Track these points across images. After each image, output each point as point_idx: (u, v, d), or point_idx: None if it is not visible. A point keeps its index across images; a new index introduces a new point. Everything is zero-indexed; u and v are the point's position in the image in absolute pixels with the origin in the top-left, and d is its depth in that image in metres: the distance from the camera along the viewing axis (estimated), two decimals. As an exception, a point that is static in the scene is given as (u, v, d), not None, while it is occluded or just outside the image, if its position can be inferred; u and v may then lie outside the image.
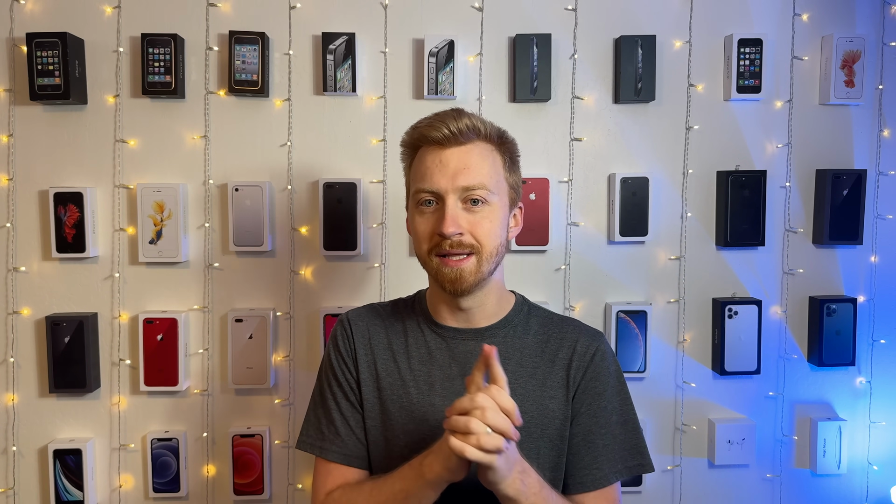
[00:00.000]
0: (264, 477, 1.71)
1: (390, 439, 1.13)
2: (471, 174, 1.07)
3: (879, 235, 1.80)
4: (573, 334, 1.17)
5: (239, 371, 1.70)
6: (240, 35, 1.65)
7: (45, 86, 1.61)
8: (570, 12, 1.73)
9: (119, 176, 1.70)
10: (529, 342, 1.17)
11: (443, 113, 1.11)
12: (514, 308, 1.19)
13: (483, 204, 1.08)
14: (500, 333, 1.16)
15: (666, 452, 1.79)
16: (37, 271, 1.70)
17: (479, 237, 1.08)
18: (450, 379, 1.13)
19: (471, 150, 1.09)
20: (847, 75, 1.74)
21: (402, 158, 1.20)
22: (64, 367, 1.66)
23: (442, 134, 1.08)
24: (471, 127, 1.09)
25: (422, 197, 1.10)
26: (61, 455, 1.67)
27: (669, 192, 1.76)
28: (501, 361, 1.13)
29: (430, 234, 1.09)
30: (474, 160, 1.09)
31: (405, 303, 1.25)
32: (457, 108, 1.12)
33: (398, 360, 1.16)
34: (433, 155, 1.09)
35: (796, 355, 1.80)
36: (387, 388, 1.15)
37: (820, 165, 1.78)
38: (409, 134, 1.15)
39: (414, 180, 1.13)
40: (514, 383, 1.12)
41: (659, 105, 1.75)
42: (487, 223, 1.08)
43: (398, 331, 1.20)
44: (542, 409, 1.12)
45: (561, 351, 1.16)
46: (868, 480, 1.82)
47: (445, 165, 1.08)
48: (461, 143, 1.09)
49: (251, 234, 1.69)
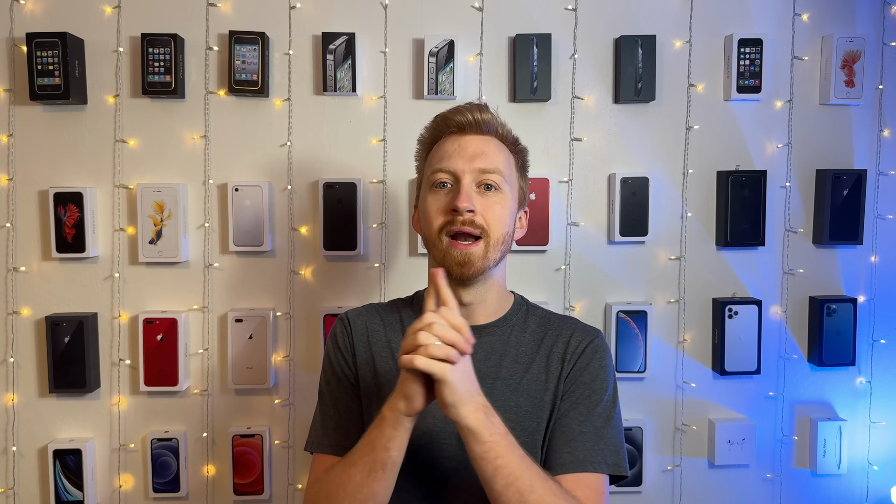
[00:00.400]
0: (264, 477, 1.71)
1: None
2: (488, 159, 1.11)
3: (879, 235, 1.80)
4: (569, 330, 1.18)
5: (239, 371, 1.70)
6: (240, 35, 1.65)
7: (45, 86, 1.61)
8: (571, 12, 1.73)
9: (119, 176, 1.70)
10: (526, 339, 1.17)
11: (467, 104, 1.18)
12: (512, 307, 1.20)
13: (496, 191, 1.12)
14: (497, 331, 1.17)
15: (666, 452, 1.79)
16: (37, 271, 1.70)
17: (490, 221, 1.10)
18: None
19: (489, 141, 1.14)
20: (847, 75, 1.74)
21: (418, 157, 1.22)
22: (64, 367, 1.65)
23: (465, 119, 1.13)
24: (491, 122, 1.15)
25: (437, 178, 1.12)
26: (61, 455, 1.67)
27: (669, 192, 1.76)
28: (497, 359, 1.14)
29: (444, 210, 1.10)
30: (492, 149, 1.14)
31: (404, 302, 1.26)
32: (479, 103, 1.17)
33: (396, 357, 1.16)
34: (452, 140, 1.14)
35: (796, 355, 1.80)
36: (385, 384, 1.15)
37: (820, 165, 1.78)
38: (428, 128, 1.20)
39: (430, 165, 1.15)
40: (510, 379, 1.13)
41: (659, 105, 1.75)
42: (499, 208, 1.11)
43: (396, 329, 1.20)
44: (539, 402, 1.12)
45: (556, 346, 1.16)
46: (868, 480, 1.82)
47: (464, 149, 1.12)
48: (481, 133, 1.14)
49: (251, 234, 1.69)
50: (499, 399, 1.11)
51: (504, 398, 1.12)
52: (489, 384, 1.12)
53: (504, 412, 1.09)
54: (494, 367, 1.14)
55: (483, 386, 1.10)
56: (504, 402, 1.11)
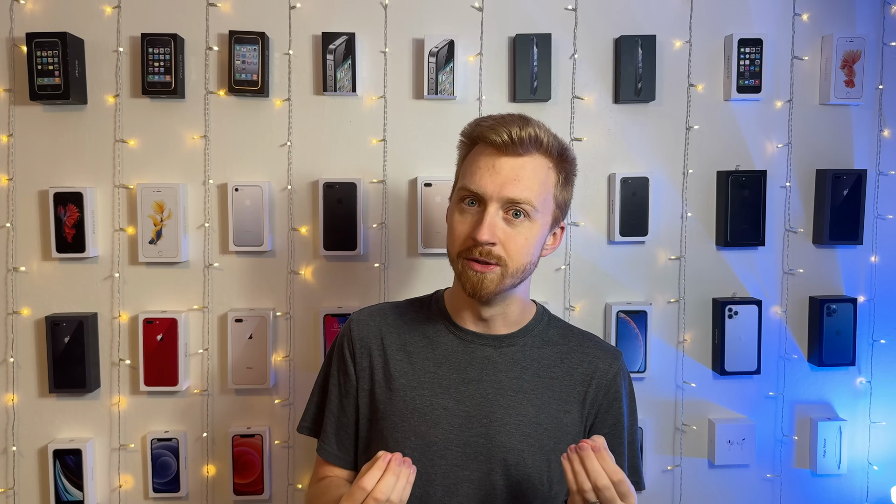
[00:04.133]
0: (264, 477, 1.71)
1: (400, 440, 1.12)
2: (519, 187, 1.05)
3: (879, 235, 1.80)
4: (594, 351, 1.18)
5: (239, 371, 1.70)
6: (240, 35, 1.65)
7: (45, 86, 1.61)
8: (571, 12, 1.73)
9: (119, 176, 1.70)
10: (548, 353, 1.16)
11: (508, 117, 1.08)
12: (534, 318, 1.19)
13: (524, 218, 1.06)
14: (518, 342, 1.16)
15: (666, 452, 1.79)
16: (36, 271, 1.70)
17: (510, 251, 1.06)
18: (465, 383, 1.13)
19: (525, 164, 1.06)
20: (847, 75, 1.73)
21: (459, 147, 1.17)
22: (64, 367, 1.65)
23: (501, 139, 1.05)
24: (533, 137, 1.06)
25: (465, 195, 1.08)
26: (61, 455, 1.66)
27: (669, 192, 1.76)
28: (519, 371, 1.13)
29: (465, 237, 1.07)
30: (527, 174, 1.06)
31: (422, 302, 1.24)
32: (523, 115, 1.08)
33: (413, 361, 1.15)
34: (487, 158, 1.07)
35: (796, 355, 1.80)
36: (399, 389, 1.14)
37: (820, 165, 1.78)
38: (472, 127, 1.12)
39: (463, 175, 1.11)
40: (531, 393, 1.12)
41: (659, 105, 1.75)
42: (522, 239, 1.06)
43: (414, 331, 1.18)
44: (557, 422, 1.12)
45: (581, 367, 1.16)
46: (868, 481, 1.82)
47: (497, 172, 1.05)
48: (518, 154, 1.06)
49: (251, 234, 1.68)
50: (520, 413, 1.11)
51: (526, 413, 1.11)
52: (510, 396, 1.11)
53: (523, 428, 1.10)
54: (516, 380, 1.13)
55: (504, 398, 1.10)
56: (525, 418, 1.11)
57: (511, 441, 1.09)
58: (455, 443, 1.10)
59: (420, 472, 1.06)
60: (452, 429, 1.09)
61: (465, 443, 1.09)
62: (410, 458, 1.08)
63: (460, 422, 1.10)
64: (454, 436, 1.09)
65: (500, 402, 1.11)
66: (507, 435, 1.10)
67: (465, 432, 1.08)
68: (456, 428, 1.09)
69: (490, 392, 1.12)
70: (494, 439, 1.09)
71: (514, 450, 1.09)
